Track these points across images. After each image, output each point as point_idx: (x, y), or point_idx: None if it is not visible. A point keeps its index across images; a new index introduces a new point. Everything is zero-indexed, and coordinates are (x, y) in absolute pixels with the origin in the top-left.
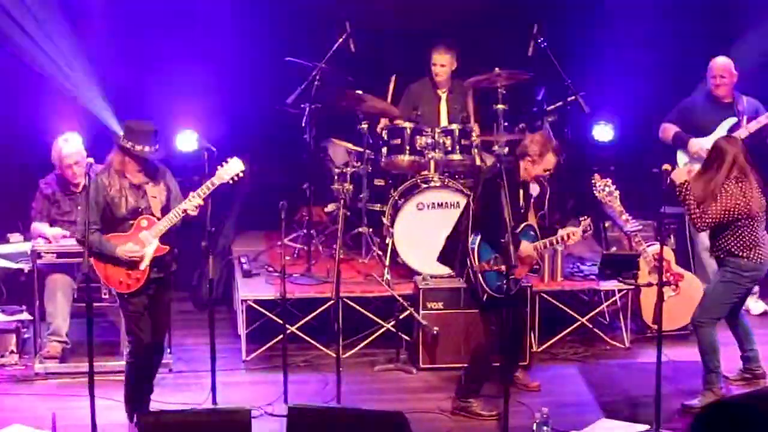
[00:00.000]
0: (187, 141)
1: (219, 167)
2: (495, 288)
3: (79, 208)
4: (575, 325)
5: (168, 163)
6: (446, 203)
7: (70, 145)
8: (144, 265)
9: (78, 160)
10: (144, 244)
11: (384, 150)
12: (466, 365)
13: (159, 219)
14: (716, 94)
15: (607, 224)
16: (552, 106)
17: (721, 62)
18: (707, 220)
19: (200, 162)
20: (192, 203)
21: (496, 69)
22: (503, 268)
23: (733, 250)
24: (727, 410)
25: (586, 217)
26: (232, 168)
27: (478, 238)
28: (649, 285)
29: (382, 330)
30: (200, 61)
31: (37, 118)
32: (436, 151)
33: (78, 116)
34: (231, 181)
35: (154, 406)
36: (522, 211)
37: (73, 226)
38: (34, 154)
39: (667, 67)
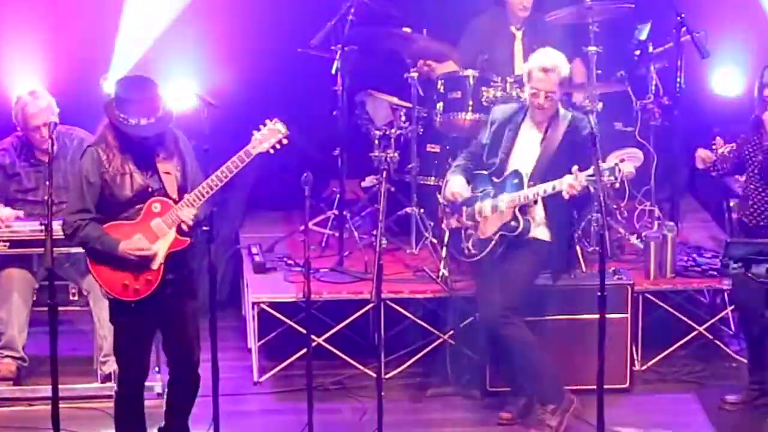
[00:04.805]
0: (179, 94)
1: (255, 132)
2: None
3: (47, 183)
4: (690, 336)
5: None
6: None
7: (38, 101)
8: (157, 263)
9: (47, 120)
10: (157, 235)
11: (440, 106)
12: None
13: (176, 202)
14: None
15: (732, 203)
16: (660, 49)
17: None
18: None
19: (198, 123)
20: (184, 214)
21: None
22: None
23: None
24: None
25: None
26: (272, 132)
27: None
28: None
29: (437, 342)
30: None
31: None
32: None
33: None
34: (271, 151)
35: None
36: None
37: (38, 207)
38: None
39: None
